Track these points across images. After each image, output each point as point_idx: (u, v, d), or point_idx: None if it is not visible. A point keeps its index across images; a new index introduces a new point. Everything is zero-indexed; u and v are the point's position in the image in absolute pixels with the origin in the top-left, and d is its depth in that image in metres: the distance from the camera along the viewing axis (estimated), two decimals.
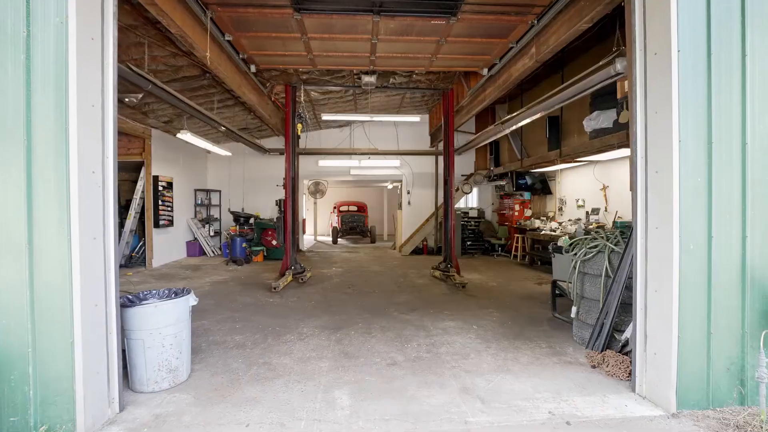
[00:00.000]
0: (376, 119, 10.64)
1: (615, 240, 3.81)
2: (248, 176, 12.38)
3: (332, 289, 6.86)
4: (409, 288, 6.93)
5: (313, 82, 7.84)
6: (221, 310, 5.42)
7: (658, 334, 2.79)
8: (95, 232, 2.50)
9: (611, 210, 7.78)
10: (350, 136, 12.25)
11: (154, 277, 7.86)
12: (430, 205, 12.38)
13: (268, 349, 3.95)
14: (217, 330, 4.53)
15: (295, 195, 7.92)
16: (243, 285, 7.15)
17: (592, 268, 3.90)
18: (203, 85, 7.05)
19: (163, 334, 2.98)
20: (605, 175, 7.99)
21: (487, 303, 5.86)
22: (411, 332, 4.47)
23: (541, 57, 5.06)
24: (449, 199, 8.14)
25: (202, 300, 5.92)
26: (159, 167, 9.45)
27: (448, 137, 8.26)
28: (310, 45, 5.49)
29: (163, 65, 5.97)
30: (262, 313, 5.29)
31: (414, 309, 5.50)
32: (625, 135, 5.84)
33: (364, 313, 5.31)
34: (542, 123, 8.71)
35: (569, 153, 7.39)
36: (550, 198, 10.46)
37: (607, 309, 3.64)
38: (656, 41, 2.78)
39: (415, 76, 8.03)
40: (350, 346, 4.01)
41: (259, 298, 6.09)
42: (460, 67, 6.59)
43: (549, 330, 4.58)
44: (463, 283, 6.74)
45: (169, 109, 8.07)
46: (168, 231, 9.86)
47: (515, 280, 7.72)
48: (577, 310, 4.05)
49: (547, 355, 3.78)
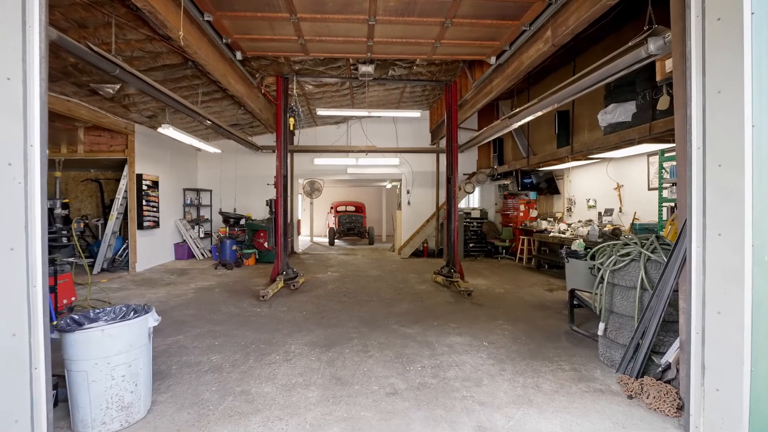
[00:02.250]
0: (374, 114, 10.10)
1: (651, 247, 3.28)
2: (240, 175, 11.81)
3: (326, 297, 6.31)
4: (410, 295, 6.39)
5: (306, 73, 7.30)
6: (201, 322, 4.86)
7: (723, 366, 2.26)
8: (13, 240, 1.95)
9: (626, 211, 7.25)
10: (347, 133, 11.70)
11: (134, 283, 7.30)
12: (431, 205, 11.84)
13: (249, 372, 3.40)
14: (193, 348, 3.98)
15: (286, 194, 7.37)
16: (230, 292, 6.60)
17: (624, 279, 3.37)
18: (186, 76, 6.49)
19: (112, 364, 2.43)
20: (619, 173, 7.47)
21: (497, 313, 5.33)
22: (413, 350, 3.93)
23: (559, 40, 4.52)
24: (452, 199, 7.60)
25: (182, 310, 5.38)
26: (143, 165, 8.88)
27: (451, 132, 7.73)
28: (300, 27, 4.94)
29: (140, 51, 5.40)
30: (246, 325, 4.74)
31: (416, 321, 4.96)
32: (648, 128, 5.31)
33: (361, 326, 4.77)
34: (549, 119, 8.20)
35: (582, 149, 6.86)
36: (557, 198, 9.93)
37: (644, 327, 3.11)
38: (721, 4, 2.25)
39: (416, 68, 7.49)
40: (343, 369, 3.47)
41: (246, 308, 5.54)
42: (466, 55, 6.05)
43: (569, 347, 4.05)
44: (468, 291, 6.20)
45: (152, 102, 7.51)
46: (154, 233, 9.29)
47: (523, 285, 7.18)
48: (604, 327, 3.51)
49: (572, 381, 3.25)
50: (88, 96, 6.65)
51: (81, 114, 6.83)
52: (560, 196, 9.76)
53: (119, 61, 4.22)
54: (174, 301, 5.92)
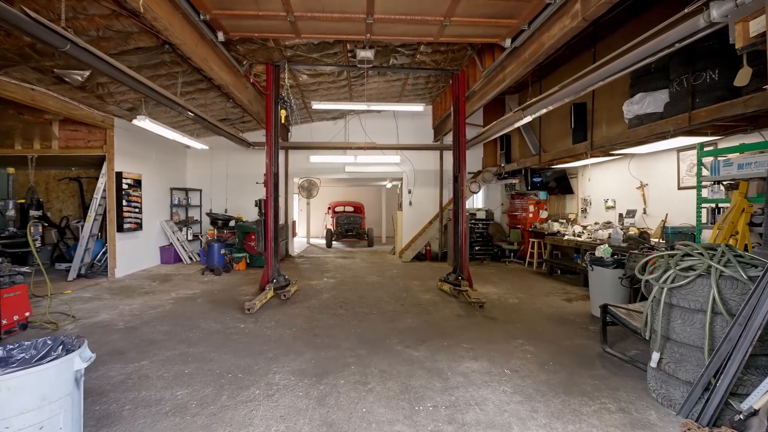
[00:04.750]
0: (373, 108, 9.44)
1: (723, 259, 2.61)
2: (232, 174, 11.14)
3: (321, 308, 5.64)
4: (414, 307, 5.73)
5: (299, 60, 6.62)
6: (174, 342, 4.19)
7: None
8: None
9: (651, 212, 6.59)
10: (345, 128, 11.03)
11: (110, 292, 6.62)
12: (434, 205, 11.17)
13: (219, 415, 2.73)
14: (156, 378, 3.31)
15: (277, 194, 6.70)
16: (213, 303, 5.92)
17: (687, 300, 2.71)
18: (165, 62, 5.81)
19: (12, 428, 1.76)
20: (643, 170, 6.81)
21: (514, 330, 4.66)
22: (422, 381, 3.27)
23: (591, 14, 3.84)
24: (460, 199, 6.93)
25: (154, 326, 4.71)
26: (125, 162, 8.21)
27: (458, 126, 7.06)
28: (289, 1, 4.27)
29: (107, 30, 4.73)
30: (226, 346, 4.07)
31: (422, 340, 4.30)
32: (687, 118, 4.64)
33: (359, 346, 4.10)
34: (561, 114, 7.56)
35: (603, 144, 6.19)
36: (570, 198, 9.27)
37: (718, 363, 2.44)
38: None
39: (419, 56, 6.83)
40: (337, 410, 2.80)
41: (228, 323, 4.86)
42: (478, 37, 5.38)
43: (608, 375, 3.38)
44: (480, 302, 5.53)
45: (131, 93, 6.83)
46: (136, 235, 8.61)
47: (538, 294, 6.52)
48: (659, 358, 2.85)
49: (623, 427, 2.58)
50: (55, 84, 5.97)
51: (48, 105, 6.15)
52: (573, 196, 9.10)
53: (71, 34, 3.54)
54: (148, 314, 5.24)
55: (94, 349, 3.98)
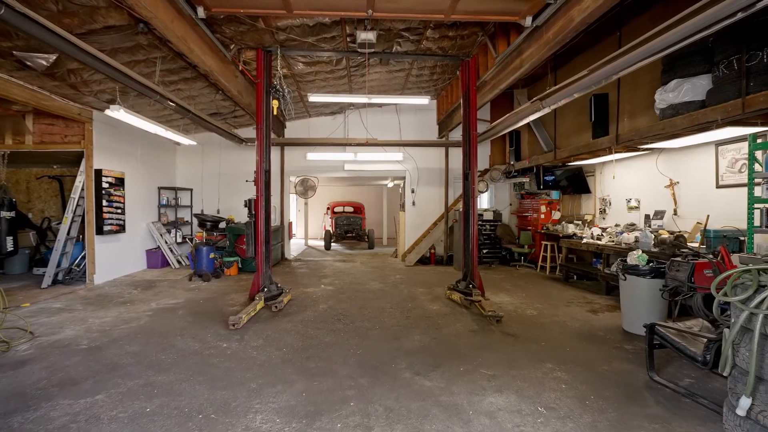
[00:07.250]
0: (374, 101, 8.77)
1: None
2: (225, 172, 10.49)
3: (316, 322, 4.99)
4: (422, 320, 5.08)
5: (293, 45, 5.98)
6: (141, 367, 3.55)
7: None
8: None
9: (683, 213, 5.94)
10: (344, 124, 10.38)
11: (84, 302, 5.97)
12: (439, 206, 10.53)
13: None
14: (109, 421, 2.66)
15: (269, 193, 6.05)
16: (195, 315, 5.28)
17: None
18: (141, 45, 5.16)
19: None
20: (673, 167, 6.16)
21: (539, 350, 4.02)
22: (438, 426, 2.62)
23: None
24: (471, 199, 6.29)
25: (123, 345, 4.07)
26: (105, 159, 7.57)
27: (468, 119, 6.42)
28: None
29: (69, 3, 4.09)
30: (201, 374, 3.43)
31: (435, 364, 3.65)
32: (740, 105, 4.00)
33: (360, 373, 3.46)
34: (577, 107, 6.95)
35: (632, 138, 5.54)
36: (586, 198, 8.62)
37: None
38: None
39: (426, 42, 6.19)
40: None
41: (208, 342, 4.22)
42: (494, 14, 4.73)
43: (667, 416, 2.74)
44: (498, 316, 4.88)
45: (109, 82, 6.19)
46: (118, 238, 7.96)
47: (557, 304, 5.88)
48: (750, 404, 2.20)
49: None
50: (19, 70, 5.33)
51: (13, 93, 5.50)
52: (590, 196, 8.45)
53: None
54: (120, 330, 4.60)
55: (45, 377, 3.34)
